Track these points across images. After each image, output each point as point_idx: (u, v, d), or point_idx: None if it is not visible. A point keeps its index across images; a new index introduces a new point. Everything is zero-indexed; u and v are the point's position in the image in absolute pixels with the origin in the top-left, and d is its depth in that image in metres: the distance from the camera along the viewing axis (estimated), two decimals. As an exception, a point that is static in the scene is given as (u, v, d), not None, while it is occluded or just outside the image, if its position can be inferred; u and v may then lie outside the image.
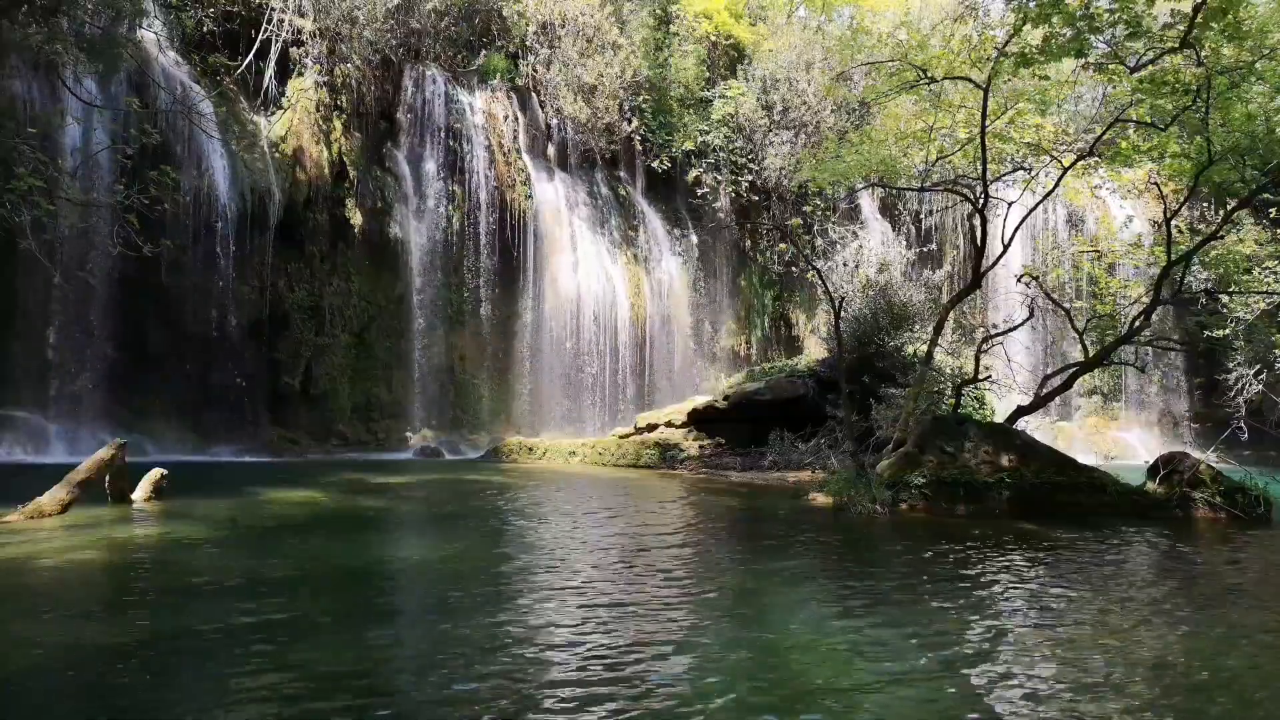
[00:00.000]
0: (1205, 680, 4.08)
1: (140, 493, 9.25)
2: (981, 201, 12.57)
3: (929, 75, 12.17)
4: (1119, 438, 25.59)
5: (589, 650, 4.23)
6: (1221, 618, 5.28)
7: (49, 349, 16.49)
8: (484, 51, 23.97)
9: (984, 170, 12.17)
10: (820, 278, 14.82)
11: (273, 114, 19.91)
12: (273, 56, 19.75)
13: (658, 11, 26.74)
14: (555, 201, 23.86)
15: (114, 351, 17.07)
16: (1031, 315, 14.24)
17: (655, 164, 25.61)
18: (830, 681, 3.90)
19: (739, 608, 5.28)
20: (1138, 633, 4.89)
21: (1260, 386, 19.96)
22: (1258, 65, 10.40)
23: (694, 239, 26.56)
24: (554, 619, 4.89)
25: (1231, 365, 20.89)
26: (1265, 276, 16.01)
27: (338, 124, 20.73)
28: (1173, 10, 10.42)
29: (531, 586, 5.89)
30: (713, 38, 27.11)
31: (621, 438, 18.44)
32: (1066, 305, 14.89)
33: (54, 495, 8.09)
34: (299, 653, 4.17)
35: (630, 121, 25.03)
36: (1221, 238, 13.38)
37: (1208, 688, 3.97)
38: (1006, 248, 13.16)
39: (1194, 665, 4.31)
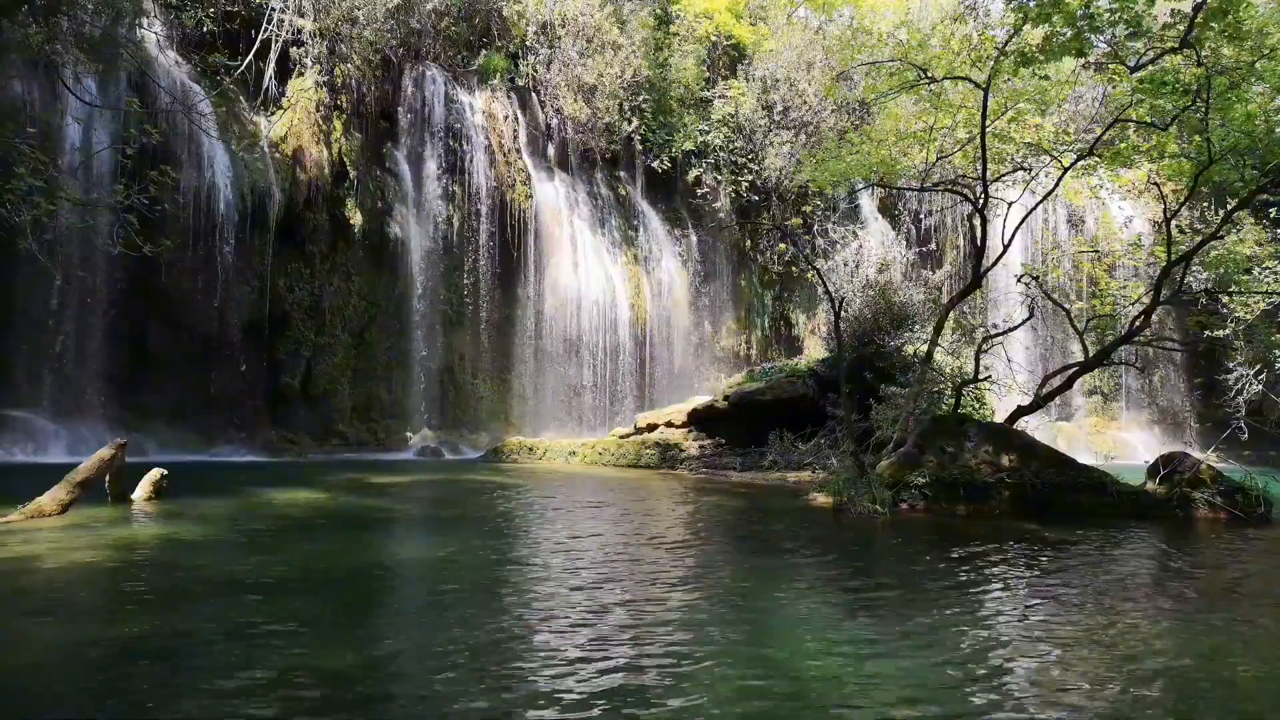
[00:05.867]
0: (1206, 680, 4.08)
1: (140, 493, 9.25)
2: (981, 201, 12.58)
3: (929, 75, 12.17)
4: (1119, 438, 25.59)
5: (588, 652, 4.23)
6: (1222, 617, 5.29)
7: (49, 349, 16.48)
8: (484, 51, 23.96)
9: (984, 170, 12.17)
10: (820, 278, 14.82)
11: (273, 114, 19.91)
12: (273, 56, 19.74)
13: (658, 11, 26.72)
14: (555, 201, 23.85)
15: (114, 351, 17.06)
16: (1031, 315, 14.25)
17: (655, 164, 25.59)
18: (829, 682, 3.90)
19: (739, 608, 5.28)
20: (1138, 632, 4.89)
21: (1260, 386, 19.93)
22: (1258, 65, 10.40)
23: (694, 239, 26.55)
24: (554, 619, 4.89)
25: (1231, 365, 20.87)
26: (1265, 276, 16.01)
27: (338, 124, 20.72)
28: (1173, 10, 10.42)
29: (531, 587, 5.89)
30: (713, 38, 27.10)
31: (621, 438, 18.44)
32: (1066, 305, 14.90)
33: (54, 495, 8.08)
34: (299, 653, 4.17)
35: (630, 121, 25.01)
36: (1221, 238, 13.38)
37: (1208, 687, 3.97)
38: (1006, 248, 13.17)
39: (1195, 665, 4.31)
